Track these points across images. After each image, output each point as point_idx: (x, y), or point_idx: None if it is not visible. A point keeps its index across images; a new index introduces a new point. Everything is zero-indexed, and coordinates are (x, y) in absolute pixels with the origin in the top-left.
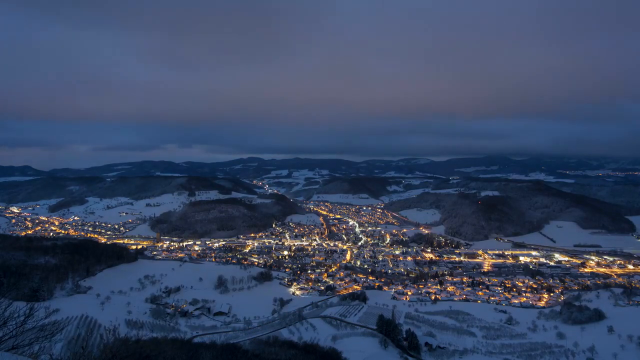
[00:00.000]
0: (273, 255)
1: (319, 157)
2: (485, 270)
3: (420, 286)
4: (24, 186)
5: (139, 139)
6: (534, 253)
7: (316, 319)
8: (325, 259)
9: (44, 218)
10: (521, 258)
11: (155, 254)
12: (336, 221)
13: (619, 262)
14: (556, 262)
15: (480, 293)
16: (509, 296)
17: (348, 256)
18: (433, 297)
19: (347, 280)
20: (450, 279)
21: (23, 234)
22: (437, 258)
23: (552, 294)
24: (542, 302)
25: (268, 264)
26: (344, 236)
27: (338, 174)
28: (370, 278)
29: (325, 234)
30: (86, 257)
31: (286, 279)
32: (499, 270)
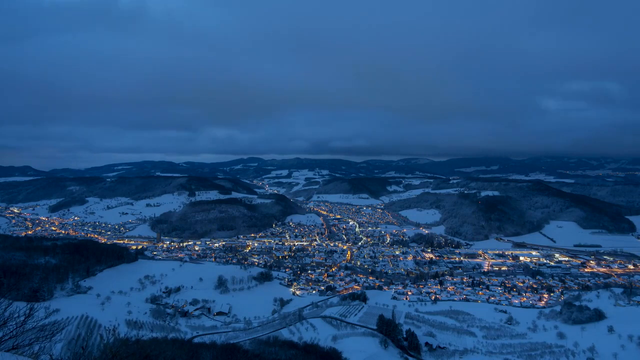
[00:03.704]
0: (273, 255)
1: (319, 157)
2: (486, 270)
3: (421, 286)
4: (24, 186)
5: None
6: (534, 253)
7: (316, 319)
8: (326, 259)
9: (44, 218)
10: (521, 258)
11: (155, 254)
12: (336, 221)
13: (619, 262)
14: (556, 262)
15: (480, 293)
16: (509, 296)
17: (348, 256)
18: (433, 297)
19: (347, 281)
20: (450, 279)
21: (23, 234)
22: (437, 258)
23: (552, 294)
24: (542, 302)
25: (268, 264)
26: (344, 236)
27: (338, 174)
28: (371, 278)
29: (326, 234)
30: (86, 257)
31: (286, 279)
32: (499, 270)
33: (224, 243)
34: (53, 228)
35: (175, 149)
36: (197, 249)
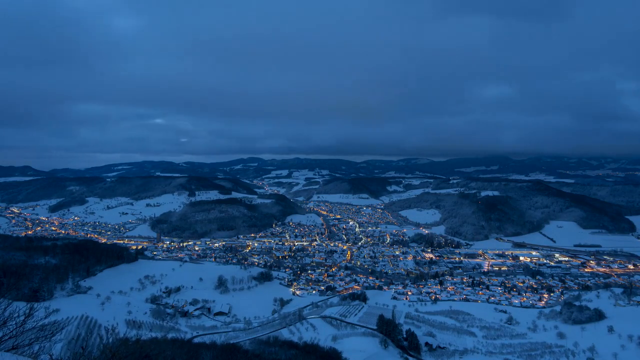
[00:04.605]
0: (273, 255)
1: (319, 157)
2: (486, 270)
3: (421, 286)
4: (24, 186)
5: None
6: (534, 253)
7: (316, 319)
8: (326, 259)
9: (44, 218)
10: (521, 258)
11: (155, 254)
12: (336, 221)
13: (619, 262)
14: (556, 262)
15: (480, 293)
16: (509, 296)
17: (348, 256)
18: (433, 297)
19: (347, 281)
20: (450, 279)
21: (23, 234)
22: (437, 258)
23: (552, 294)
24: (542, 302)
25: (268, 264)
26: (344, 236)
27: (338, 174)
28: (371, 278)
29: (326, 234)
30: (86, 257)
31: (286, 279)
32: (499, 270)
33: (224, 243)
34: (53, 228)
35: None
36: (197, 249)
